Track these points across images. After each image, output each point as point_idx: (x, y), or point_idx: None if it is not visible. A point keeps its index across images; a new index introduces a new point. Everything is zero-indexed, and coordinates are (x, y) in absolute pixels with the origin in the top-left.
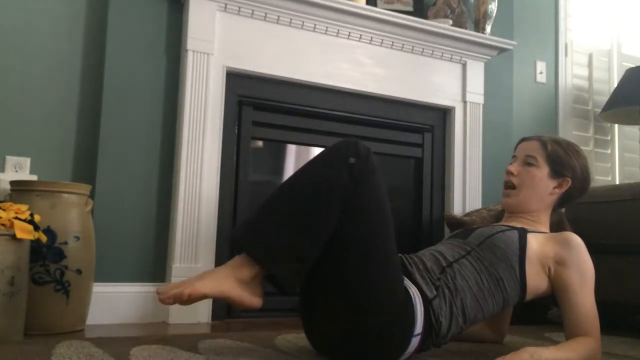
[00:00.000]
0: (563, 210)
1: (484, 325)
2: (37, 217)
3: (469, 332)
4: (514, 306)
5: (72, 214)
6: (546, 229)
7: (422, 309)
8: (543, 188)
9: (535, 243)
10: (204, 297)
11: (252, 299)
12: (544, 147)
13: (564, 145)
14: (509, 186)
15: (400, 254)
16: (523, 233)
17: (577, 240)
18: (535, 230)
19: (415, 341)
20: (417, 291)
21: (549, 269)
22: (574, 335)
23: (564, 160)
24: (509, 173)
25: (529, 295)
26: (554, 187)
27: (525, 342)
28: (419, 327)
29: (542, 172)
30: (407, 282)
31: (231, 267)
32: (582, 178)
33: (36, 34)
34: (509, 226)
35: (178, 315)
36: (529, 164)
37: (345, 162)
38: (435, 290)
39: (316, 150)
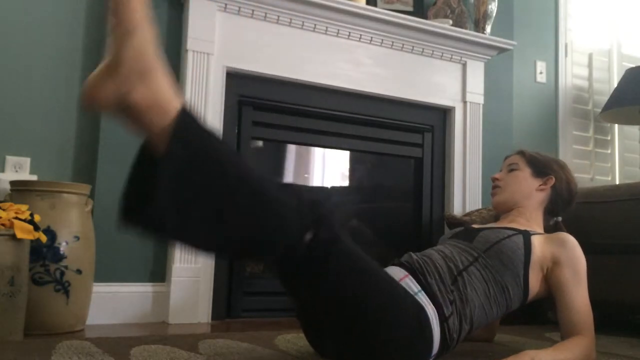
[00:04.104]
0: (560, 219)
1: None
2: (37, 217)
3: None
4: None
5: (72, 214)
6: (541, 229)
7: (439, 329)
8: (527, 185)
9: (538, 247)
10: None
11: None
12: (523, 155)
13: (544, 155)
14: (496, 188)
15: (411, 252)
16: (527, 237)
17: (570, 238)
18: (534, 231)
19: None
20: (435, 310)
21: (547, 269)
22: (569, 333)
23: (543, 162)
24: (494, 179)
25: (529, 299)
26: (540, 185)
27: (525, 342)
28: (435, 347)
29: (525, 172)
30: (424, 300)
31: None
32: (568, 181)
33: (36, 33)
34: (514, 230)
35: (178, 315)
36: (512, 169)
37: (300, 236)
38: (450, 305)
39: (316, 151)
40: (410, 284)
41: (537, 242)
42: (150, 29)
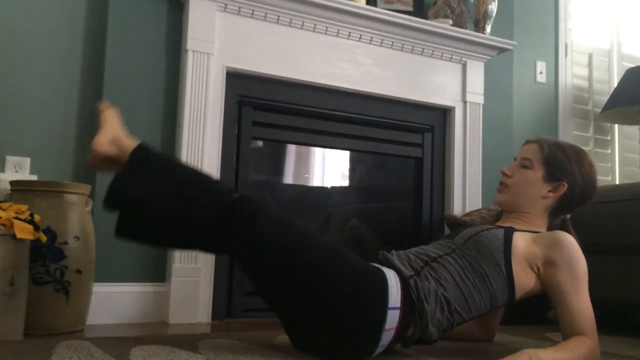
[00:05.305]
0: (568, 216)
1: (473, 323)
2: (37, 217)
3: (459, 331)
4: (512, 306)
5: (72, 214)
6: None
7: (399, 284)
8: (535, 190)
9: (522, 241)
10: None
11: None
12: (541, 150)
13: (566, 149)
14: (503, 185)
15: (382, 251)
16: (509, 231)
17: (566, 239)
18: (526, 229)
19: (393, 315)
20: (393, 271)
21: (538, 269)
22: (571, 335)
23: (561, 164)
24: (503, 174)
25: (519, 293)
26: (549, 191)
27: (525, 342)
28: (394, 299)
29: (536, 174)
30: (384, 268)
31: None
32: (583, 185)
33: (36, 34)
34: (497, 225)
35: (178, 315)
36: (524, 167)
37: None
38: (413, 272)
39: (316, 150)
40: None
41: (521, 237)
42: (114, 118)
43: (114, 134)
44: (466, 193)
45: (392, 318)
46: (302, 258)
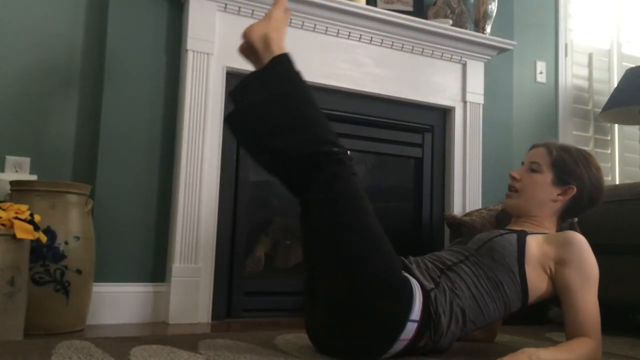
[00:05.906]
0: (576, 220)
1: None
2: (37, 217)
3: None
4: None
5: (72, 214)
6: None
7: (421, 296)
8: (545, 194)
9: (535, 244)
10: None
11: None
12: (549, 154)
13: (573, 153)
14: (512, 190)
15: (400, 257)
16: (522, 235)
17: (578, 239)
18: (537, 232)
19: (411, 327)
20: (416, 281)
21: (550, 270)
22: (575, 335)
23: (569, 168)
24: (512, 178)
25: (532, 298)
26: (558, 194)
27: (525, 342)
28: (416, 312)
29: (545, 178)
30: (407, 275)
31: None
32: (591, 188)
33: (36, 33)
34: (509, 230)
35: (178, 315)
36: (533, 170)
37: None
38: (433, 284)
39: None
40: None
41: (534, 240)
42: (281, 19)
43: (270, 31)
44: (466, 193)
45: (409, 330)
46: (355, 243)
